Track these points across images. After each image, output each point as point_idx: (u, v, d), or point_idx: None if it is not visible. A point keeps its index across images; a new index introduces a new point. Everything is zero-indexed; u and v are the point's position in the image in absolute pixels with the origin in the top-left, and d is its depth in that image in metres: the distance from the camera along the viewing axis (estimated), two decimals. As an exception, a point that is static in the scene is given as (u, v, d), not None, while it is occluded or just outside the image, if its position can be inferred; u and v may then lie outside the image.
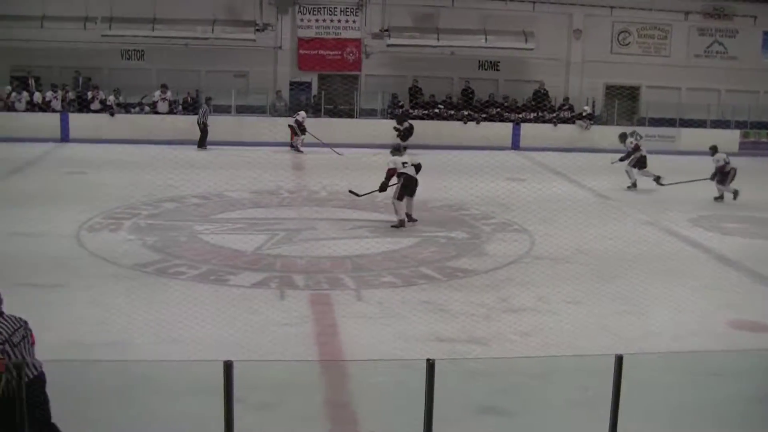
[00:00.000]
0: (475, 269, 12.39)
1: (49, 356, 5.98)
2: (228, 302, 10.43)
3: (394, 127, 24.56)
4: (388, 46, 27.74)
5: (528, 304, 10.73)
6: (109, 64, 27.18)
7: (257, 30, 27.05)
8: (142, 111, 26.21)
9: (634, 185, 19.73)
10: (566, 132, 27.48)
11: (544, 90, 28.37)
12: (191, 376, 7.26)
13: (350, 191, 16.14)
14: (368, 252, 13.13)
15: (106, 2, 26.36)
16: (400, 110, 26.30)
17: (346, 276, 11.79)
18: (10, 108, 25.57)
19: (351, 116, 27.44)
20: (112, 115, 25.36)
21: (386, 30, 27.57)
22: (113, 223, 14.51)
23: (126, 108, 26.25)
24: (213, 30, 26.85)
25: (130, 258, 12.34)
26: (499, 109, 27.65)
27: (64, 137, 24.99)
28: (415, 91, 27.99)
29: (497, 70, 29.25)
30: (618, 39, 29.68)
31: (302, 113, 25.08)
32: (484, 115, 27.34)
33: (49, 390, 5.69)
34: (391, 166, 15.05)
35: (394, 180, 15.00)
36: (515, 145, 26.58)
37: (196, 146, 24.22)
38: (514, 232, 14.81)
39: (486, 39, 28.01)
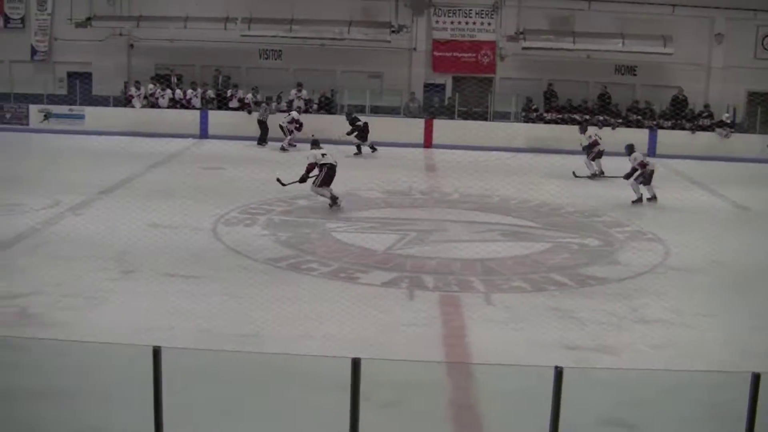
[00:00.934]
0: (606, 277, 12.12)
1: (184, 344, 6.17)
2: (357, 300, 10.51)
3: (347, 133, 23.75)
4: (523, 49, 27.44)
5: (660, 316, 10.42)
6: (247, 63, 27.94)
7: (392, 31, 27.23)
8: (277, 109, 26.74)
9: (640, 200, 17.84)
10: (705, 140, 26.45)
11: (683, 96, 27.41)
12: (320, 372, 7.35)
13: (277, 179, 16.15)
14: (499, 256, 13.02)
15: (246, 4, 27.05)
16: (349, 114, 25.03)
17: (475, 279, 11.73)
18: (154, 105, 26.61)
19: (485, 119, 27.26)
20: (249, 113, 25.97)
21: (521, 33, 27.31)
22: (248, 219, 14.89)
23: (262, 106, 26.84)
24: (349, 31, 27.18)
25: (263, 253, 12.64)
26: (639, 117, 26.90)
27: (203, 133, 25.81)
28: (550, 95, 27.59)
29: (634, 74, 28.48)
30: (762, 43, 28.43)
31: (294, 113, 24.96)
32: (620, 121, 26.68)
33: (183, 377, 5.84)
34: (311, 160, 15.86)
35: (315, 171, 15.73)
36: (651, 152, 25.82)
37: (271, 144, 24.58)
38: (647, 241, 14.41)
39: (623, 43, 27.29)
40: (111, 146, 19.28)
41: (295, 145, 23.69)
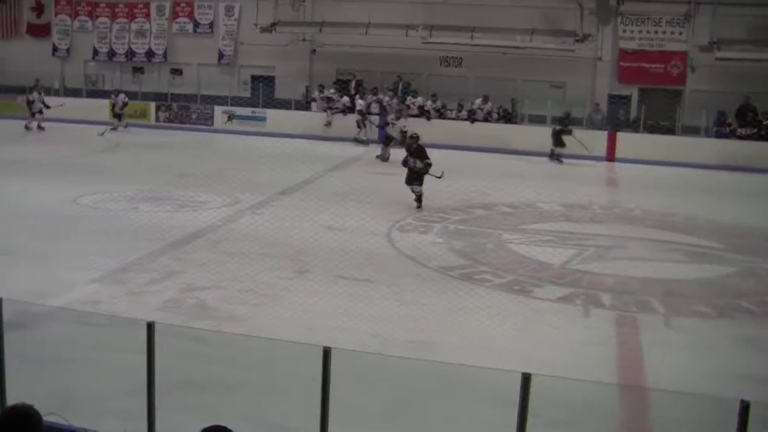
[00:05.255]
0: (800, 307, 11.29)
1: (353, 346, 6.17)
2: (530, 314, 10.29)
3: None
4: (717, 59, 26.13)
5: None
6: (427, 70, 28.08)
7: (577, 40, 26.66)
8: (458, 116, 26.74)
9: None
10: None
11: None
12: (488, 384, 7.18)
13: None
14: (681, 277, 12.39)
15: (428, 11, 27.23)
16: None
17: (655, 300, 11.18)
18: (329, 109, 27.10)
19: (672, 133, 26.17)
20: (428, 119, 26.06)
21: (715, 42, 26.07)
22: (423, 226, 14.86)
23: (441, 113, 26.90)
24: (531, 39, 26.81)
25: (436, 260, 12.56)
26: None
27: (381, 139, 25.89)
28: (745, 109, 25.95)
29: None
30: None
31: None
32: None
33: (351, 379, 5.82)
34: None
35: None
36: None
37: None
38: None
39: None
40: (291, 148, 19.79)
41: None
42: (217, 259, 12.14)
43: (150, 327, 5.47)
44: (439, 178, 16.04)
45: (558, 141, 23.98)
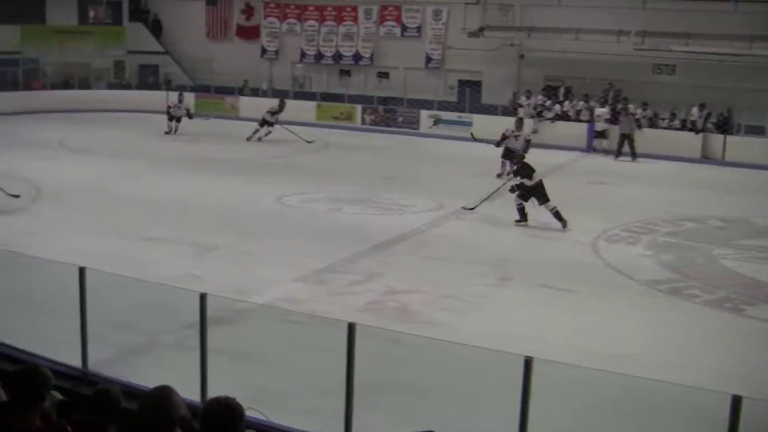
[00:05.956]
0: None
1: (553, 357, 6.13)
2: (740, 334, 9.89)
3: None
4: None
5: None
6: (639, 78, 27.23)
7: (802, 47, 25.10)
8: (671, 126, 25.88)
9: None
10: None
11: None
12: (689, 403, 6.98)
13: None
14: None
15: (640, 17, 26.45)
16: None
17: None
18: (539, 115, 26.86)
19: None
20: (639, 127, 25.37)
21: None
22: (631, 237, 14.52)
23: (653, 122, 26.11)
24: (750, 47, 25.49)
25: (643, 273, 12.27)
26: None
27: (589, 148, 25.64)
28: None
29: None
30: None
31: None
32: None
33: (550, 390, 5.80)
34: None
35: None
36: None
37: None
38: None
39: None
40: (496, 154, 19.76)
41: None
42: (419, 264, 12.38)
43: (351, 328, 5.57)
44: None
45: None
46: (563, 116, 26.77)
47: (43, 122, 27.01)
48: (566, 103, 26.96)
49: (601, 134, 25.25)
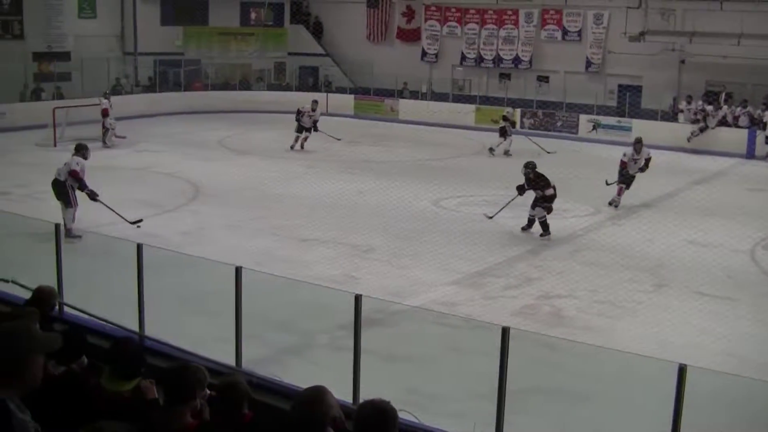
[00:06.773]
0: None
1: (707, 365, 6.18)
2: None
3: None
4: None
5: None
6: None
7: None
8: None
9: None
10: None
11: None
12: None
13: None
14: None
15: (805, 21, 25.43)
16: None
17: None
18: (702, 120, 26.18)
19: None
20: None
21: None
22: (791, 245, 14.14)
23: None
24: None
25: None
26: None
27: (749, 153, 24.91)
28: None
29: None
30: None
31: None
32: None
33: (703, 398, 5.81)
34: None
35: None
36: None
37: None
38: None
39: None
40: (655, 160, 19.37)
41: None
42: (575, 269, 12.48)
43: (505, 332, 5.62)
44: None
45: None
46: (723, 122, 26.07)
47: (203, 122, 28.02)
48: (725, 108, 26.23)
49: None
